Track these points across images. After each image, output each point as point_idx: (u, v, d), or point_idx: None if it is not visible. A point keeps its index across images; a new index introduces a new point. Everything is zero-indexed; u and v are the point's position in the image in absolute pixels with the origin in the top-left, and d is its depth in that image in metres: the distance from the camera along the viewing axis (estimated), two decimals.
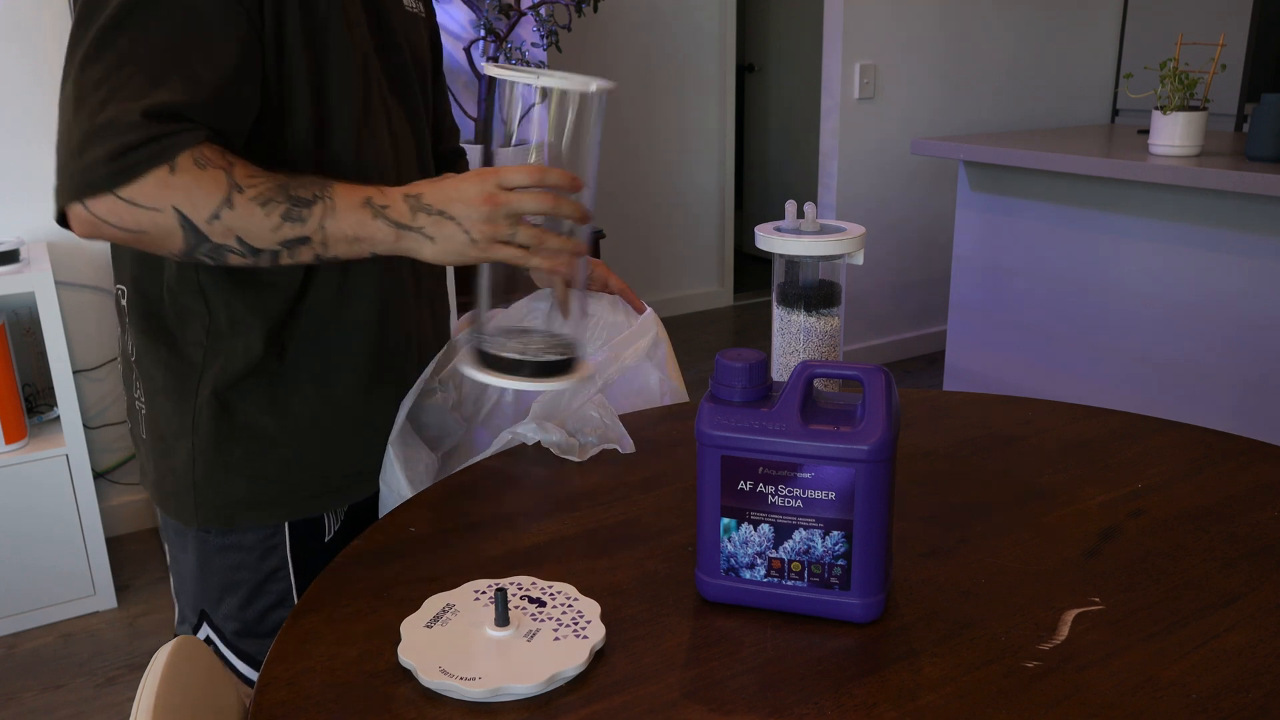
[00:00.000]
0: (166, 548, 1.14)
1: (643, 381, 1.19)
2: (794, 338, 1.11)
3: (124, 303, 1.04)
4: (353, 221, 0.88)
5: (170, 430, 1.03)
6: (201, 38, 0.87)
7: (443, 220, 0.89)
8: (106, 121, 0.83)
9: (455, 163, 1.28)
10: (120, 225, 0.85)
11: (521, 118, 0.92)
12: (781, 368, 1.13)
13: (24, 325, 2.39)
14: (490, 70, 0.90)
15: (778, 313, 1.13)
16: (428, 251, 0.90)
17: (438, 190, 0.90)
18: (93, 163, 0.83)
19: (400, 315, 1.08)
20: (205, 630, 1.08)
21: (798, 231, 1.07)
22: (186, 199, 0.84)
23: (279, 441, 1.03)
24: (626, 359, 1.17)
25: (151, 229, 0.86)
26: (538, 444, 1.09)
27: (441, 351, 1.12)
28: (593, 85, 0.87)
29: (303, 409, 1.03)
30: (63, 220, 0.88)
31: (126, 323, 1.05)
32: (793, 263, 1.10)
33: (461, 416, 1.14)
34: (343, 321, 1.03)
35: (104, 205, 0.84)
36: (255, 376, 1.01)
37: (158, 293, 1.01)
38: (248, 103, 0.91)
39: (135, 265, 1.02)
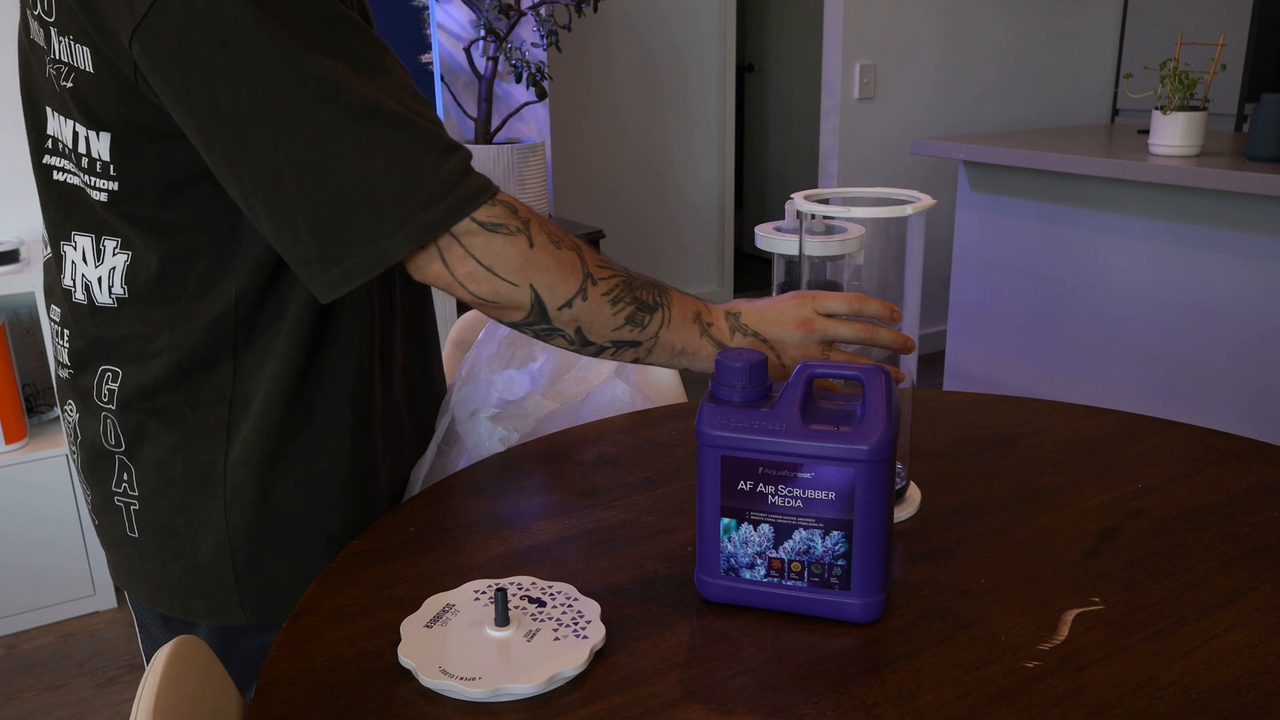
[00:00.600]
0: (141, 634, 1.00)
1: (611, 395, 1.19)
2: None
3: (112, 386, 0.90)
4: (684, 336, 0.89)
5: (189, 523, 0.90)
6: (375, 40, 0.81)
7: (757, 343, 0.90)
8: (422, 151, 0.78)
9: None
10: (477, 293, 0.82)
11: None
12: None
13: (24, 325, 2.39)
14: (803, 206, 0.88)
15: None
16: None
17: (756, 311, 0.91)
18: (429, 199, 0.78)
19: (391, 362, 1.01)
20: None
21: (798, 231, 1.07)
22: (545, 281, 0.83)
23: (316, 510, 0.94)
24: (592, 380, 1.17)
25: (503, 301, 0.83)
26: (539, 443, 1.09)
27: (446, 412, 1.08)
28: (908, 210, 0.84)
29: (333, 472, 0.95)
30: (332, 287, 0.79)
31: (111, 409, 0.91)
32: (793, 262, 1.10)
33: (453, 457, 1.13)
34: (359, 373, 0.96)
35: (464, 269, 0.81)
36: (287, 446, 0.91)
37: (158, 373, 0.89)
38: None
39: (129, 346, 0.89)
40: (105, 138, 0.82)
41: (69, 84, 0.81)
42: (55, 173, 0.87)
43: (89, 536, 2.27)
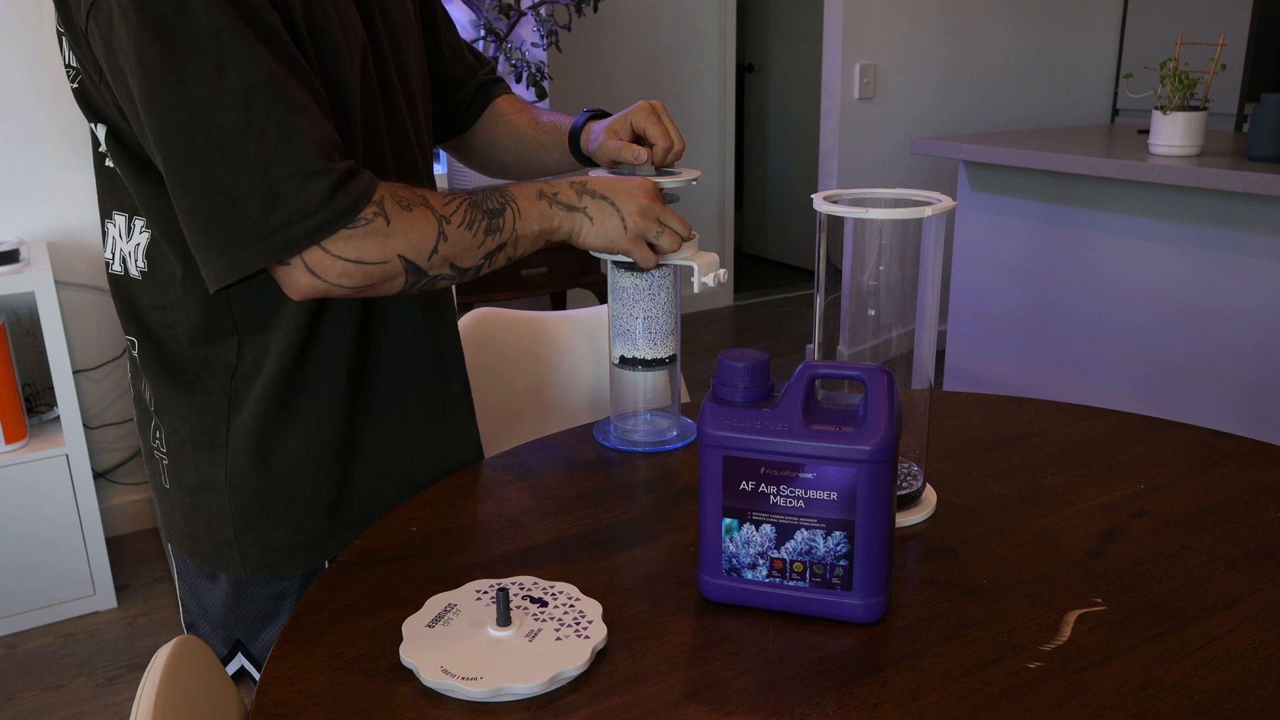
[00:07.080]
0: (179, 580, 1.08)
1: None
2: (629, 299, 1.07)
3: (135, 354, 1.01)
4: (536, 215, 0.94)
5: (201, 482, 0.99)
6: (287, 54, 0.84)
7: (605, 204, 0.97)
8: (287, 174, 0.81)
9: (490, 89, 1.22)
10: (352, 285, 0.87)
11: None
12: (622, 330, 1.09)
13: (24, 325, 2.38)
14: (823, 208, 0.90)
15: (612, 273, 1.10)
16: (586, 231, 0.97)
17: (603, 180, 0.98)
18: (289, 220, 0.81)
19: (395, 335, 1.03)
20: (240, 661, 1.04)
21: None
22: (408, 245, 0.87)
23: (312, 478, 0.99)
24: None
25: (379, 280, 0.88)
26: (540, 443, 1.09)
27: None
28: (927, 211, 0.88)
29: (334, 443, 0.99)
30: (225, 283, 0.84)
31: (141, 373, 1.01)
32: None
33: None
34: (359, 344, 1.00)
35: (335, 271, 0.85)
36: (285, 417, 0.97)
37: (177, 343, 0.97)
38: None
39: (150, 315, 0.98)
40: (102, 129, 0.92)
41: (75, 85, 0.92)
42: (105, 159, 0.96)
43: (89, 536, 2.27)
